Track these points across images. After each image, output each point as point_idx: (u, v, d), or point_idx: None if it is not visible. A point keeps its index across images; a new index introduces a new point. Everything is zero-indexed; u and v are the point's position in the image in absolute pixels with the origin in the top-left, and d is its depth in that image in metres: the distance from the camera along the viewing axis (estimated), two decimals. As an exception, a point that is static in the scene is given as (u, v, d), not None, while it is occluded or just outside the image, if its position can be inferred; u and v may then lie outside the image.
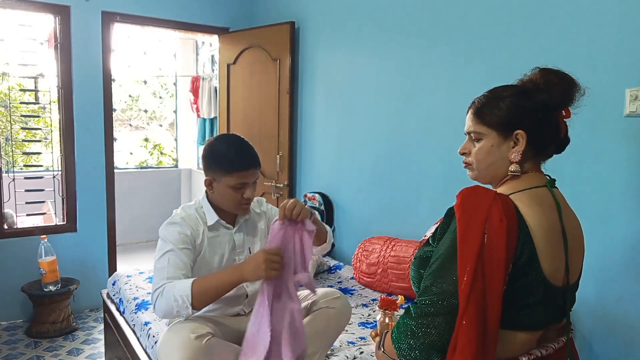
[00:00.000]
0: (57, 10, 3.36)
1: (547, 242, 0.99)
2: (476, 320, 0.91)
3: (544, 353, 1.03)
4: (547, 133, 1.08)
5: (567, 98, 1.07)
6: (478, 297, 0.92)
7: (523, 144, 1.06)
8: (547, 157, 1.14)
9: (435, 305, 0.95)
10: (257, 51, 3.71)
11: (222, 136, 1.77)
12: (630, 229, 1.74)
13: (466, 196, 0.99)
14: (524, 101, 1.07)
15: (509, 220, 0.95)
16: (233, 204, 1.69)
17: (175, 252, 1.58)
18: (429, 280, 0.99)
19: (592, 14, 1.82)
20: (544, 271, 0.98)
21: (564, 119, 1.10)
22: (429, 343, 0.95)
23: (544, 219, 1.00)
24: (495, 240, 0.93)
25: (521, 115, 1.06)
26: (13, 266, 3.32)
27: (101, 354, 2.89)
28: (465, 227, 0.95)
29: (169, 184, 5.89)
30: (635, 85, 1.69)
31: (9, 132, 3.60)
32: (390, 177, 2.82)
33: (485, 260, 0.93)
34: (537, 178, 1.09)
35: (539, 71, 1.10)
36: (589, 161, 1.85)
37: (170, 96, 6.12)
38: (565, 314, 1.09)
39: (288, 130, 3.56)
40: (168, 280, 1.52)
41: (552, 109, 1.07)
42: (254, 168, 1.67)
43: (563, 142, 1.13)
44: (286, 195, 3.64)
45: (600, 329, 1.85)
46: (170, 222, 1.67)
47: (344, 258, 3.18)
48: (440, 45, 2.46)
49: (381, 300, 1.92)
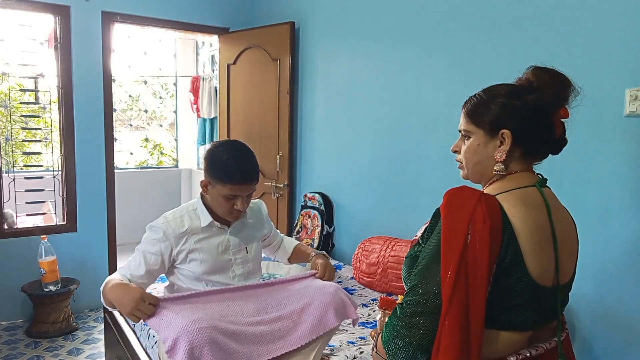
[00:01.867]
0: (57, 10, 3.36)
1: (534, 242, 0.98)
2: (459, 321, 0.91)
3: (533, 353, 1.02)
4: (536, 133, 1.05)
5: (561, 98, 1.05)
6: (461, 298, 0.92)
7: (508, 143, 1.05)
8: (540, 158, 1.10)
9: (420, 305, 0.96)
10: (257, 51, 3.71)
11: (226, 143, 1.75)
12: (630, 229, 1.74)
13: (452, 196, 0.99)
14: (514, 100, 1.05)
15: (492, 221, 0.94)
16: (223, 212, 1.71)
17: (142, 255, 1.68)
18: (415, 280, 0.99)
19: (592, 14, 1.82)
20: (531, 272, 0.97)
21: (560, 119, 1.07)
22: (415, 343, 0.95)
23: (530, 219, 0.99)
24: (479, 242, 0.93)
25: (508, 115, 1.05)
26: (13, 266, 3.32)
27: (101, 354, 2.89)
28: (450, 227, 0.95)
29: (169, 184, 5.89)
30: (635, 85, 1.69)
31: (9, 132, 3.60)
32: (390, 177, 2.82)
33: (468, 261, 0.92)
34: (527, 178, 1.07)
35: (533, 70, 1.08)
36: (589, 161, 1.85)
37: (171, 96, 6.12)
38: (556, 315, 1.08)
39: (288, 130, 3.56)
40: (119, 273, 1.66)
41: (543, 109, 1.05)
42: (249, 183, 1.66)
43: (559, 143, 1.09)
44: (286, 195, 3.64)
45: (600, 329, 1.85)
46: (151, 225, 1.72)
47: (344, 258, 3.18)
48: (440, 45, 2.46)
49: (381, 300, 1.92)
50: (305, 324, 1.61)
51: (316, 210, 3.30)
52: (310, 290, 1.72)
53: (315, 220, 3.29)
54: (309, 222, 3.33)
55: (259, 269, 1.91)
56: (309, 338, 1.59)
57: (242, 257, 1.80)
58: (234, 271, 1.78)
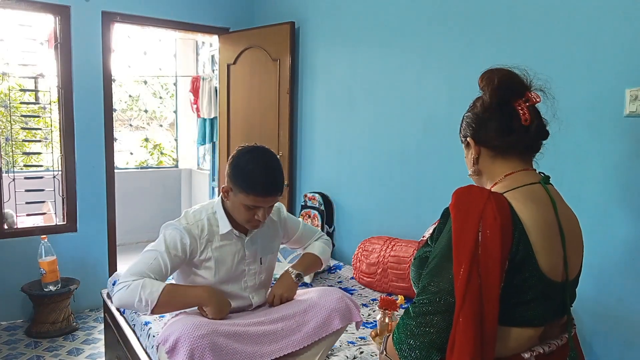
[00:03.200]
0: (57, 10, 3.36)
1: (543, 238, 0.99)
2: (473, 318, 0.92)
3: (546, 350, 1.03)
4: (492, 128, 1.09)
5: (511, 88, 1.07)
6: (474, 295, 0.92)
7: (472, 148, 1.13)
8: (520, 151, 1.10)
9: (432, 304, 0.96)
10: (257, 51, 3.71)
11: (253, 150, 1.63)
12: (630, 229, 1.74)
13: (460, 195, 1.01)
14: (469, 110, 1.15)
15: (502, 218, 0.95)
16: (243, 220, 1.64)
17: (163, 255, 1.58)
18: (427, 279, 1.00)
19: (592, 14, 1.82)
20: (542, 267, 0.99)
21: (526, 106, 1.07)
22: (429, 342, 0.95)
23: (539, 216, 1.00)
24: (490, 238, 0.94)
25: (467, 124, 1.15)
26: (13, 266, 3.32)
27: (101, 354, 2.89)
28: (460, 226, 0.96)
29: (169, 184, 5.89)
30: (635, 85, 1.69)
31: (9, 132, 3.60)
32: (390, 177, 2.82)
33: (480, 258, 0.93)
34: (529, 176, 1.09)
35: (481, 75, 1.13)
36: (589, 161, 1.85)
37: (171, 96, 6.12)
38: (566, 310, 1.09)
39: (288, 130, 3.56)
40: (140, 278, 1.52)
41: (494, 105, 1.09)
42: (272, 196, 1.59)
43: (530, 129, 1.07)
44: (286, 195, 3.64)
45: (600, 329, 1.85)
46: (174, 225, 1.64)
47: (344, 258, 3.18)
48: (440, 45, 2.46)
49: (381, 300, 1.92)
50: (309, 325, 1.61)
51: (316, 210, 3.30)
52: (315, 293, 1.72)
53: (315, 220, 3.29)
54: (309, 222, 3.33)
55: (270, 281, 1.87)
56: (312, 339, 1.59)
57: (255, 268, 1.76)
58: (246, 282, 1.75)
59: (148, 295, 1.49)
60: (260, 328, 1.57)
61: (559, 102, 2.02)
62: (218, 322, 1.53)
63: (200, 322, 1.49)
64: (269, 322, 1.60)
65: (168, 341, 1.47)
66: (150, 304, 1.49)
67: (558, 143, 1.93)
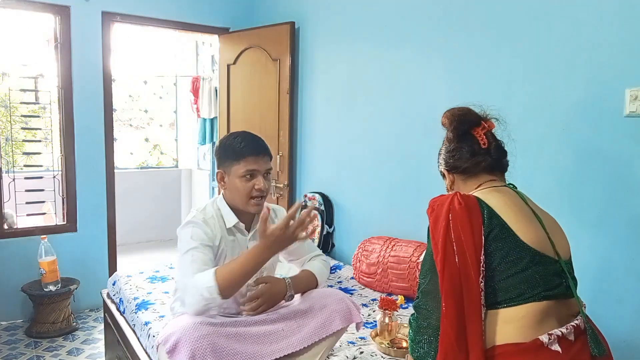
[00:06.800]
0: (57, 10, 3.36)
1: (515, 214, 1.14)
2: (452, 288, 1.07)
3: (564, 332, 1.09)
4: (456, 157, 1.32)
5: (465, 122, 1.31)
6: (451, 269, 1.07)
7: (447, 178, 1.38)
8: (486, 169, 1.29)
9: (427, 285, 1.19)
10: (257, 51, 3.71)
11: (232, 132, 1.78)
12: (630, 229, 1.74)
13: (432, 201, 1.22)
14: (442, 145, 1.40)
15: (468, 201, 1.13)
16: (245, 197, 1.64)
17: (199, 249, 1.57)
18: (421, 270, 1.24)
19: (592, 14, 1.82)
20: (522, 238, 1.10)
21: (482, 133, 1.29)
22: (434, 322, 1.16)
23: (505, 199, 1.17)
24: (459, 218, 1.10)
25: (442, 158, 1.39)
26: (13, 266, 3.32)
27: (101, 354, 2.89)
28: (434, 220, 1.16)
29: (169, 184, 5.89)
30: (635, 85, 1.69)
31: (9, 132, 3.60)
32: (390, 177, 2.82)
33: (454, 236, 1.09)
34: (497, 183, 1.28)
35: (443, 114, 1.39)
36: (589, 161, 1.85)
37: (171, 96, 6.12)
38: (571, 292, 1.16)
39: (288, 130, 3.56)
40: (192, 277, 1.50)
41: (454, 138, 1.32)
42: (263, 154, 1.66)
43: (489, 149, 1.28)
44: (286, 195, 3.64)
45: (600, 329, 1.85)
46: (191, 221, 1.64)
47: (344, 258, 3.18)
48: (440, 45, 2.46)
49: (381, 300, 1.93)
50: (309, 325, 1.61)
51: (316, 210, 3.30)
52: (315, 294, 1.72)
53: (315, 221, 3.29)
54: (309, 222, 3.33)
55: None
56: (312, 340, 1.59)
57: None
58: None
59: (205, 284, 1.44)
60: (260, 328, 1.57)
61: (559, 103, 2.03)
62: (218, 322, 1.53)
63: (201, 323, 1.49)
64: (269, 322, 1.60)
65: (169, 341, 1.46)
66: (214, 290, 1.44)
67: (560, 143, 1.93)
